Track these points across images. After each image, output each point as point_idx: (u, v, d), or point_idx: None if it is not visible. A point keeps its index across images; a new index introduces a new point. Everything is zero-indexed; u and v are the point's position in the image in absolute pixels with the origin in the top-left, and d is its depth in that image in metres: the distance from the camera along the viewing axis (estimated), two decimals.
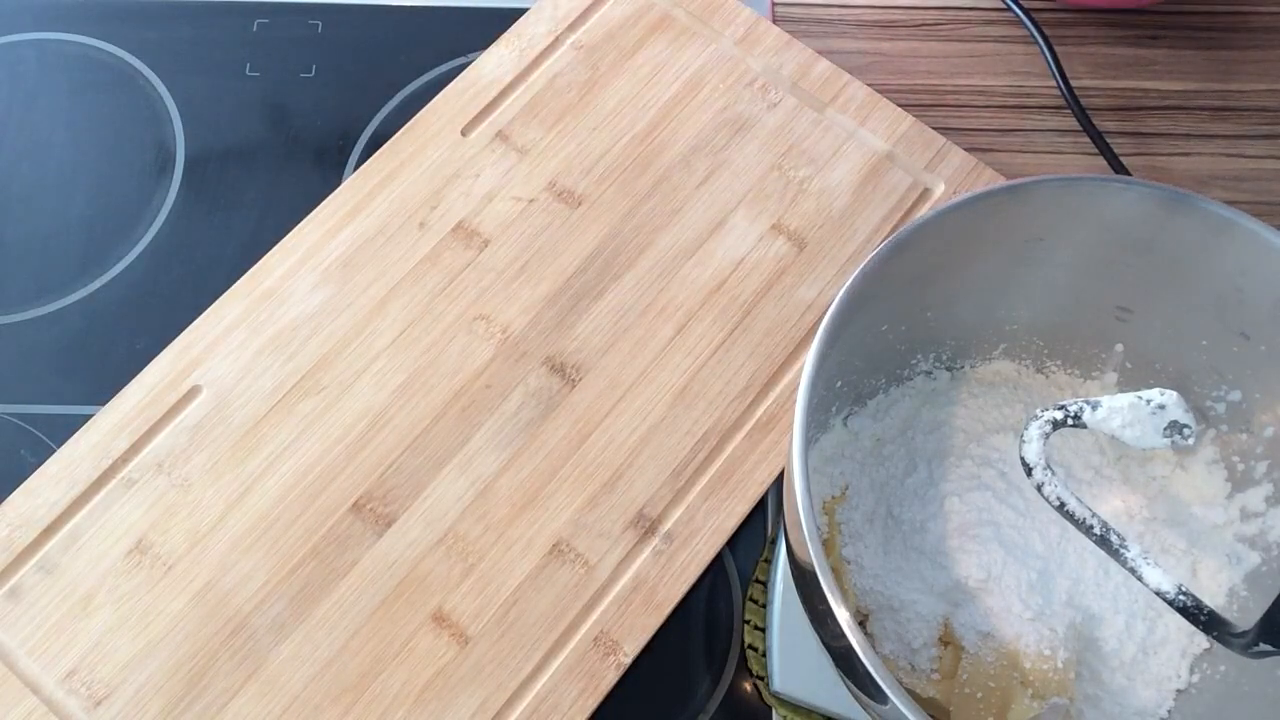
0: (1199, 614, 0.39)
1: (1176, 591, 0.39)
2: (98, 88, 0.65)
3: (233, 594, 0.51)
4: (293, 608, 0.50)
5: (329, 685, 0.49)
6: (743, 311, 0.57)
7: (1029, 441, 0.42)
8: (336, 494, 0.53)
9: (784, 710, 0.51)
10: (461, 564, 0.51)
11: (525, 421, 0.54)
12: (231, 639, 0.50)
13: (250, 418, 0.54)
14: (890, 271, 0.43)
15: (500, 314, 0.57)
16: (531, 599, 0.51)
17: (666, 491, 0.53)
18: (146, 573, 0.51)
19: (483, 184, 0.60)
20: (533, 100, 0.62)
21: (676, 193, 0.60)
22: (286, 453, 0.53)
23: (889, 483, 0.51)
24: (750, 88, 0.62)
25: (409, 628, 0.50)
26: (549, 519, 0.52)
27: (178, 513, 0.52)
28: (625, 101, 0.62)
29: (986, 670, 0.46)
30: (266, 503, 0.52)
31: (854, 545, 0.49)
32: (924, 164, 0.60)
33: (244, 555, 0.51)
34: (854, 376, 0.50)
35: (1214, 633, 0.38)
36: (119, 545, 0.51)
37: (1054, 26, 0.68)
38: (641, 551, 0.52)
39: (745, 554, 0.55)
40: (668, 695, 0.52)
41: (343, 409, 0.54)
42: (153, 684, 0.49)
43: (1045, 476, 0.41)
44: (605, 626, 0.50)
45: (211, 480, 0.53)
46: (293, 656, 0.50)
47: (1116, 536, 0.40)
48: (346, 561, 0.51)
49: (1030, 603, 0.46)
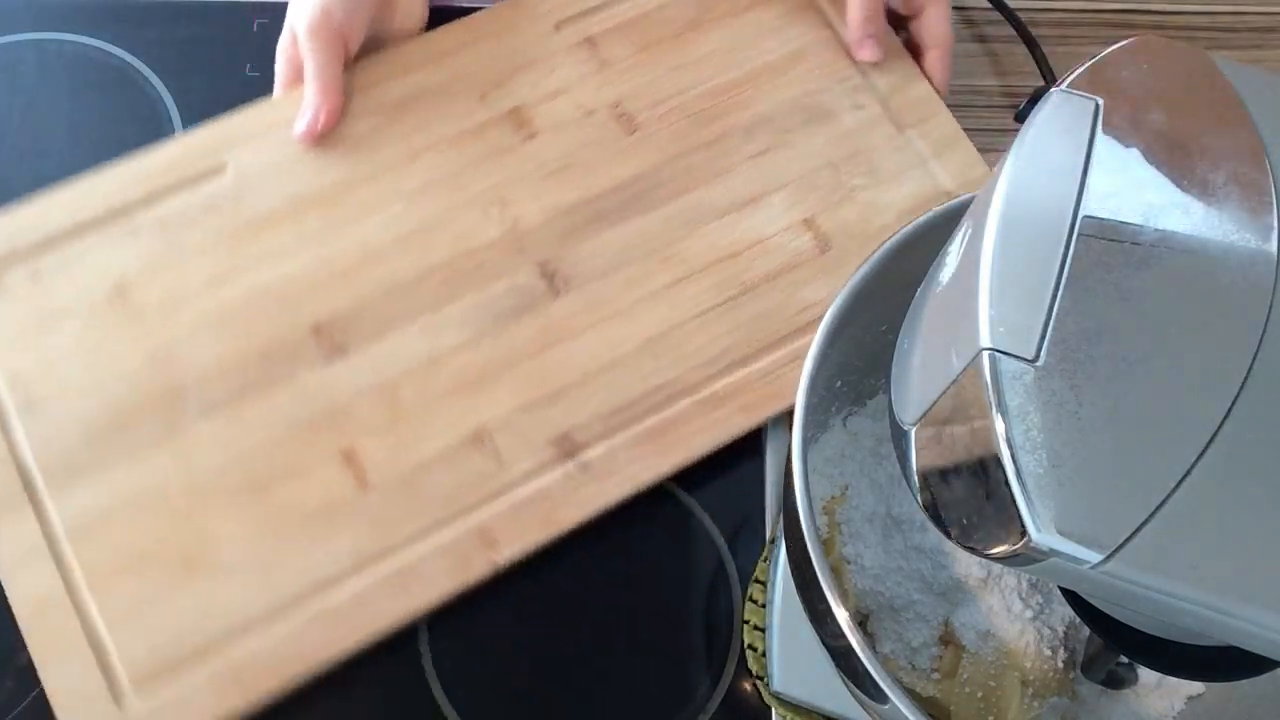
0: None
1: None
2: (98, 88, 0.65)
3: (182, 363, 0.52)
4: (227, 396, 0.52)
5: (229, 478, 0.50)
6: (743, 288, 0.56)
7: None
8: (306, 309, 0.54)
9: (784, 710, 0.51)
10: (388, 415, 0.52)
11: (500, 311, 0.55)
12: (165, 401, 0.51)
13: (260, 212, 0.55)
14: (890, 271, 0.43)
15: (519, 205, 0.57)
16: (437, 472, 0.51)
17: (600, 426, 0.53)
18: (118, 316, 0.53)
19: (554, 80, 0.60)
20: (634, 19, 0.62)
21: (728, 155, 0.59)
22: (278, 255, 0.55)
23: (889, 483, 0.50)
24: (843, 84, 0.62)
25: (320, 454, 0.51)
26: (483, 407, 0.53)
27: (164, 274, 0.54)
28: (718, 52, 0.62)
29: (987, 670, 0.46)
30: (242, 293, 0.54)
31: (854, 545, 0.49)
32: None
33: (205, 333, 0.53)
34: (854, 376, 0.50)
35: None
36: (104, 282, 0.53)
37: (1052, 27, 0.68)
38: (554, 470, 0.52)
39: (745, 554, 0.55)
40: (668, 695, 0.52)
41: (344, 235, 0.55)
42: (82, 411, 0.51)
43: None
44: (493, 523, 0.51)
45: (204, 255, 0.54)
46: (210, 439, 0.51)
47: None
48: (288, 373, 0.52)
49: (1031, 602, 0.46)
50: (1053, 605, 0.47)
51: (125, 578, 0.48)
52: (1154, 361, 0.28)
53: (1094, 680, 0.42)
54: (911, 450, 0.33)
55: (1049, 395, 0.28)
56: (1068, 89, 0.32)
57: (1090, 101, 0.32)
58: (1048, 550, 0.27)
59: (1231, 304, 0.29)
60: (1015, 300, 0.29)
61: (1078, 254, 0.29)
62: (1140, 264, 0.29)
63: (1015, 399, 0.28)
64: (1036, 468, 0.27)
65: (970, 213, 0.34)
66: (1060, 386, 0.28)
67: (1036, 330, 0.28)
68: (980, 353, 0.28)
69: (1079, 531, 0.27)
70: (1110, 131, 0.31)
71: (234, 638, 0.48)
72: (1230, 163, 0.31)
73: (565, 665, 0.53)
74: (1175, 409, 0.28)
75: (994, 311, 0.29)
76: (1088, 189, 0.30)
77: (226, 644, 0.48)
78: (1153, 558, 0.27)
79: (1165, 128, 0.31)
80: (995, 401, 0.28)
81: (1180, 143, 0.31)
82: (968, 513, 0.30)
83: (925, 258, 0.44)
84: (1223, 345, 0.28)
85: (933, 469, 0.32)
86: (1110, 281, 0.29)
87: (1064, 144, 0.31)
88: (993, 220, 0.30)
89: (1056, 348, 0.28)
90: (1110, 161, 0.31)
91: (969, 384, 0.29)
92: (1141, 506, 0.27)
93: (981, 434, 0.28)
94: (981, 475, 0.28)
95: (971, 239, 0.32)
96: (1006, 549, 0.28)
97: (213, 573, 0.49)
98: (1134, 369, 0.28)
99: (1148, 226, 0.30)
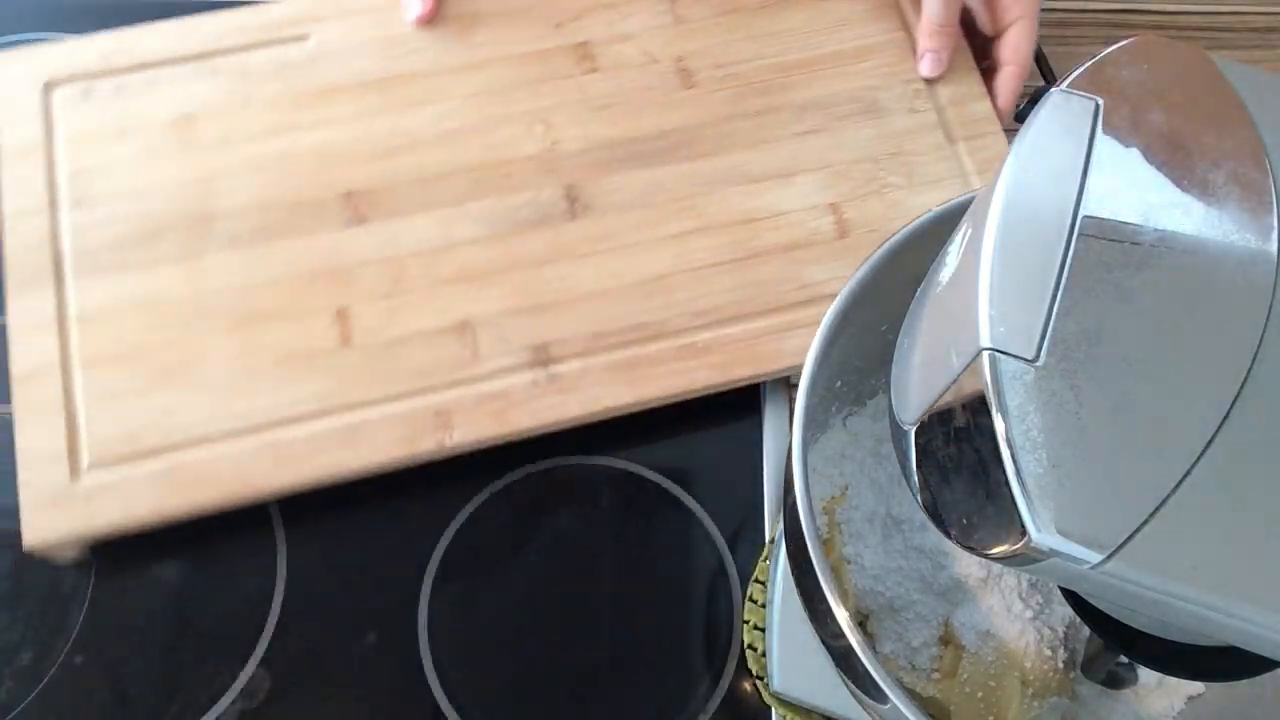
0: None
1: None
2: None
3: (219, 196, 0.58)
4: (250, 234, 0.57)
5: (229, 305, 0.55)
6: (751, 253, 0.58)
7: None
8: (342, 176, 0.58)
9: (784, 710, 0.51)
10: (387, 286, 0.56)
11: (516, 219, 0.58)
12: (195, 226, 0.57)
13: (328, 82, 0.60)
14: (890, 271, 0.43)
15: (561, 130, 0.60)
16: (416, 348, 0.55)
17: (578, 345, 0.55)
18: (178, 142, 0.59)
19: (628, 25, 0.63)
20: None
21: (775, 128, 0.61)
22: (332, 123, 0.60)
23: (889, 483, 0.50)
24: (905, 86, 0.63)
25: (316, 305, 0.56)
26: (475, 301, 0.56)
27: (228, 115, 0.59)
28: (794, 31, 0.64)
29: (987, 669, 0.46)
30: (291, 148, 0.59)
31: (854, 545, 0.49)
32: None
33: (247, 174, 0.58)
34: (854, 376, 0.50)
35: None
36: (175, 110, 0.59)
37: (1051, 27, 0.68)
38: (523, 374, 0.55)
39: (745, 554, 0.55)
40: (668, 695, 0.52)
41: (395, 119, 0.60)
42: (122, 216, 0.57)
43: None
44: (452, 407, 0.54)
45: (268, 107, 0.60)
46: (223, 268, 0.56)
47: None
48: (310, 228, 0.57)
49: (1031, 602, 0.46)
50: (1053, 605, 0.47)
51: (113, 367, 0.54)
52: (1154, 361, 0.28)
53: (1094, 680, 0.42)
54: (911, 450, 0.33)
55: (1049, 395, 0.28)
56: (1068, 89, 0.32)
57: (1090, 101, 0.32)
58: (1048, 550, 0.27)
59: (1231, 304, 0.29)
60: (1015, 300, 0.29)
61: (1078, 254, 0.29)
62: (1140, 264, 0.29)
63: (1015, 399, 0.28)
64: (1036, 468, 0.27)
65: (970, 213, 0.34)
66: (1060, 386, 0.28)
67: (1036, 330, 0.28)
68: (980, 353, 0.28)
69: (1079, 531, 0.27)
70: (1110, 131, 0.31)
71: (189, 446, 0.52)
72: (1230, 163, 0.31)
73: (565, 665, 0.53)
74: (1175, 409, 0.28)
75: (994, 311, 0.29)
76: (1088, 189, 0.30)
77: (181, 449, 0.52)
78: (1153, 558, 0.27)
79: (1165, 128, 0.31)
80: (995, 401, 0.28)
81: (1180, 143, 0.31)
82: (968, 513, 0.30)
83: (925, 258, 0.44)
84: (1222, 345, 0.28)
85: (933, 469, 0.32)
86: (1110, 281, 0.29)
87: (1064, 144, 0.31)
88: (993, 220, 0.30)
89: (1056, 348, 0.28)
90: (1110, 161, 0.31)
91: (969, 384, 0.29)
92: (1141, 506, 0.27)
93: (981, 434, 0.28)
94: (981, 475, 0.28)
95: (971, 239, 0.32)
96: (1006, 549, 0.28)
97: (188, 384, 0.54)
98: (1134, 369, 0.28)
99: (1148, 226, 0.30)
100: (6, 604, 0.53)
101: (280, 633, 0.53)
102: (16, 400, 0.53)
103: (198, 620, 0.53)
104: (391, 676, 0.52)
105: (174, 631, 0.53)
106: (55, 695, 0.51)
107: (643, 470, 0.57)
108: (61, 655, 0.52)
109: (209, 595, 0.54)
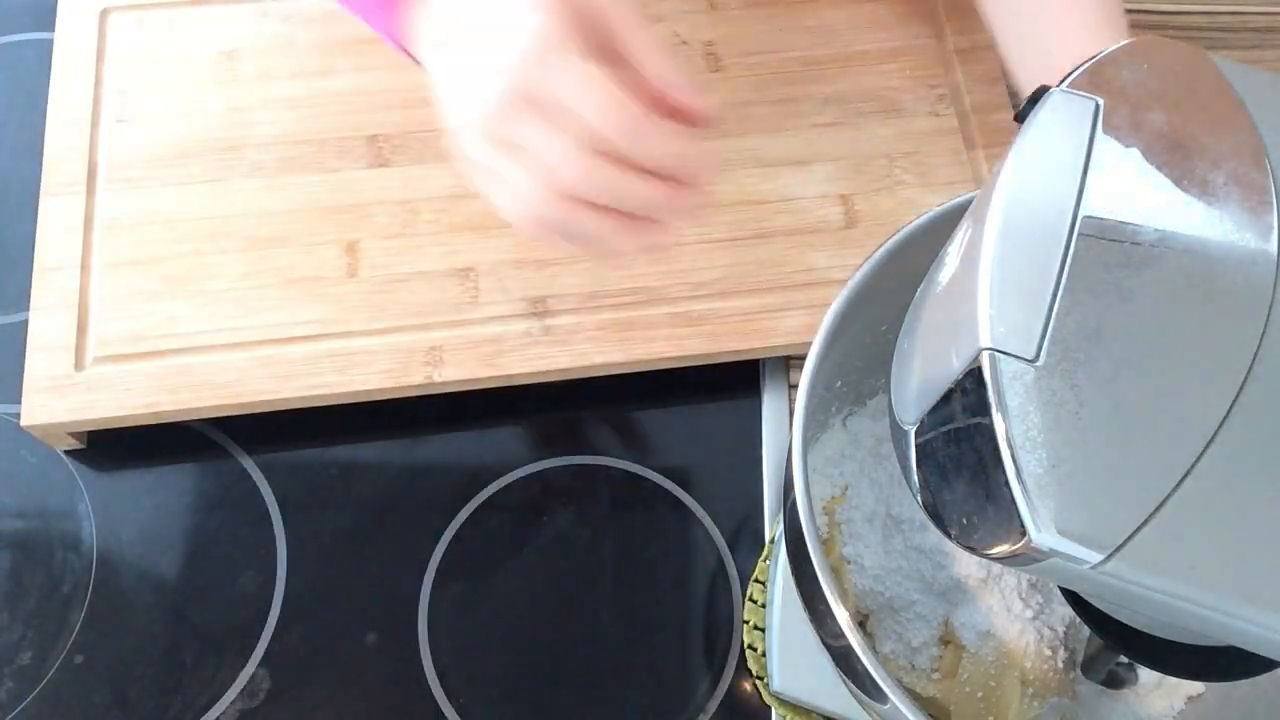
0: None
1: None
2: None
3: (251, 127, 0.61)
4: (276, 165, 0.60)
5: (247, 228, 0.59)
6: (756, 233, 0.59)
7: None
8: (371, 120, 0.62)
9: (784, 710, 0.51)
10: (400, 226, 0.59)
11: None
12: (224, 153, 0.61)
13: (369, 33, 0.60)
14: (890, 271, 0.43)
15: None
16: (417, 287, 0.57)
17: (575, 301, 0.57)
18: (219, 74, 0.62)
19: (661, 6, 0.64)
20: None
21: (794, 118, 0.62)
22: (367, 70, 0.63)
23: (889, 483, 0.50)
24: (931, 90, 0.63)
25: (328, 237, 0.59)
26: (481, 250, 0.58)
27: (269, 55, 0.63)
28: (826, 28, 0.64)
29: (987, 669, 0.46)
30: (325, 90, 0.62)
31: (854, 545, 0.49)
32: None
33: (280, 110, 0.62)
34: (854, 376, 0.50)
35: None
36: (221, 45, 0.63)
37: None
38: (518, 322, 0.57)
39: (745, 554, 0.55)
40: (668, 695, 0.52)
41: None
42: (158, 137, 0.61)
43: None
44: (445, 345, 0.56)
45: (309, 51, 0.63)
46: (246, 193, 0.60)
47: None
48: (334, 165, 0.60)
49: (1031, 602, 0.46)
50: (1053, 605, 0.47)
51: (130, 271, 0.57)
52: (1154, 361, 0.28)
53: (1094, 680, 0.42)
54: (911, 450, 0.33)
55: (1049, 395, 0.28)
56: (1068, 89, 0.32)
57: (1090, 101, 0.32)
58: (1048, 550, 0.27)
59: (1231, 304, 0.29)
60: (1015, 300, 0.29)
61: (1078, 254, 0.29)
62: (1140, 264, 0.29)
63: (1015, 399, 0.28)
64: (1036, 468, 0.27)
65: (970, 212, 0.34)
66: (1060, 386, 0.28)
67: (1036, 330, 0.28)
68: (980, 353, 0.28)
69: (1079, 531, 0.27)
70: (1110, 131, 0.31)
71: (190, 352, 0.56)
72: (1230, 163, 0.31)
73: (565, 665, 0.53)
74: (1175, 409, 0.28)
75: (994, 311, 0.29)
76: (1088, 189, 0.30)
77: (182, 354, 0.56)
78: (1153, 558, 0.27)
79: (1165, 128, 0.31)
80: (995, 401, 0.28)
81: (1180, 143, 0.31)
82: (968, 513, 0.30)
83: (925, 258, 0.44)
84: (1222, 345, 0.28)
85: (933, 469, 0.32)
86: (1110, 281, 0.29)
87: (1064, 144, 0.31)
88: (993, 220, 0.30)
89: (1056, 348, 0.28)
90: (1110, 161, 0.31)
91: (969, 384, 0.29)
92: (1141, 506, 0.27)
93: (982, 434, 0.28)
94: (981, 475, 0.28)
95: (971, 239, 0.32)
96: (1006, 549, 0.28)
97: (198, 295, 0.57)
98: (1134, 369, 0.28)
99: (1148, 226, 0.30)
100: (6, 604, 0.53)
101: (280, 632, 0.53)
102: (36, 294, 0.57)
103: (198, 620, 0.53)
104: (391, 676, 0.52)
105: (174, 631, 0.53)
106: (55, 695, 0.51)
107: (643, 470, 0.57)
108: (61, 655, 0.52)
109: (209, 595, 0.54)
